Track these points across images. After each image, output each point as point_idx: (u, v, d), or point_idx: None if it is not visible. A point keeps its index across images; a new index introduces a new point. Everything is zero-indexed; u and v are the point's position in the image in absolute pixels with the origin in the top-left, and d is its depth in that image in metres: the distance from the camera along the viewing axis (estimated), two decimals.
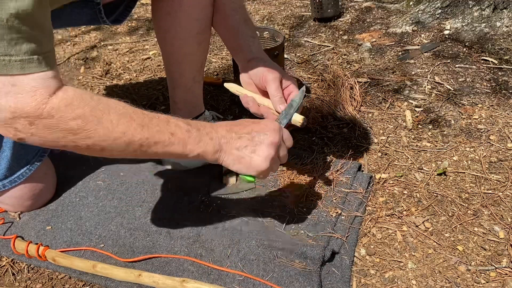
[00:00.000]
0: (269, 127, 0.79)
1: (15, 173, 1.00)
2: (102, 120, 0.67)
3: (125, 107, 0.70)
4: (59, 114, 0.64)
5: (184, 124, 0.74)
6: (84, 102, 0.66)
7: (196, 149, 0.74)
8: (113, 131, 0.67)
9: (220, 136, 0.76)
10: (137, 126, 0.69)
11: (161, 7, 1.01)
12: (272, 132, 0.78)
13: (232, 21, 1.00)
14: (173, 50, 1.05)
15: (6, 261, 0.98)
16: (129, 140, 0.69)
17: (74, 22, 1.13)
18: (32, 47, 0.62)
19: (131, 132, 0.69)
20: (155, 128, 0.71)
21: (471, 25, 1.82)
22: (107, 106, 0.68)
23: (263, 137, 0.77)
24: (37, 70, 0.63)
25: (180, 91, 1.12)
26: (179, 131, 0.73)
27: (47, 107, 0.63)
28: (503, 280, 0.89)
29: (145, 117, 0.71)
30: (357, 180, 1.12)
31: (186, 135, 0.73)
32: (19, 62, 0.61)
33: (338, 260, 0.93)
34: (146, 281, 0.88)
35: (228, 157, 0.77)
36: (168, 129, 0.72)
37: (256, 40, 0.98)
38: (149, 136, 0.70)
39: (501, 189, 1.10)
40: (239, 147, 0.77)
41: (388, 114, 1.41)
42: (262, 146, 0.77)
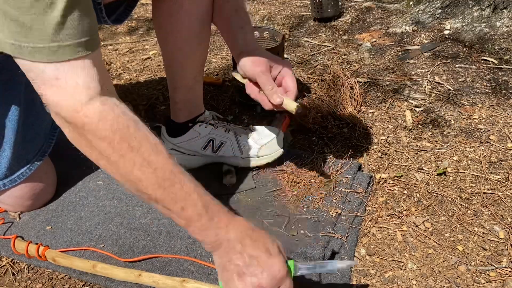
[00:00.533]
0: (273, 269, 0.68)
1: (15, 172, 1.00)
2: (126, 157, 0.65)
3: (158, 156, 0.67)
4: (91, 127, 0.63)
5: (201, 206, 0.69)
6: (118, 126, 0.64)
7: (197, 234, 0.70)
8: (130, 173, 0.66)
9: (227, 240, 0.70)
10: (154, 182, 0.66)
11: (161, 7, 1.01)
12: (270, 277, 0.67)
13: (223, 12, 1.00)
14: (174, 50, 1.05)
15: (6, 261, 0.98)
16: (140, 189, 0.67)
17: None
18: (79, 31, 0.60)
19: (146, 184, 0.66)
20: (170, 195, 0.67)
21: (471, 25, 1.82)
22: (138, 145, 0.65)
23: (256, 273, 0.68)
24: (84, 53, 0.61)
25: (180, 91, 1.12)
26: (191, 211, 0.68)
27: (82, 112, 0.62)
28: (503, 280, 0.89)
29: (170, 178, 0.67)
30: (357, 180, 1.12)
31: (194, 217, 0.69)
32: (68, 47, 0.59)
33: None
34: (146, 281, 0.88)
35: (219, 259, 0.71)
36: (182, 202, 0.68)
37: (246, 29, 0.96)
38: (160, 199, 0.68)
39: (501, 189, 1.10)
40: (232, 259, 0.69)
41: (388, 114, 1.41)
42: (247, 279, 0.68)
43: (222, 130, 1.15)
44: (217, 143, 1.14)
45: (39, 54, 0.59)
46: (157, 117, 1.47)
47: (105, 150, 0.64)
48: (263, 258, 0.69)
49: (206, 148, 1.15)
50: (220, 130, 1.15)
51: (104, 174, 1.18)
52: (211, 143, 1.15)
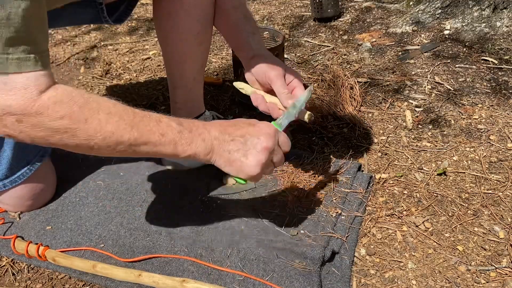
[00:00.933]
0: (264, 130, 0.77)
1: (15, 173, 1.00)
2: (91, 119, 0.66)
3: (116, 106, 0.69)
4: (47, 112, 0.63)
5: (176, 124, 0.73)
6: (73, 100, 0.65)
7: (187, 150, 0.73)
8: (101, 131, 0.66)
9: (213, 138, 0.75)
10: (126, 125, 0.68)
11: (162, 7, 1.01)
12: (266, 136, 0.76)
13: (232, 18, 1.00)
14: (174, 50, 1.06)
15: (6, 261, 0.98)
16: (118, 140, 0.68)
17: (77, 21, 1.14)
18: (29, 46, 0.62)
19: (120, 132, 0.68)
20: (145, 128, 0.70)
21: (471, 25, 1.82)
22: (97, 105, 0.67)
23: (256, 141, 0.76)
24: (32, 69, 0.62)
25: (180, 91, 1.12)
26: (170, 132, 0.72)
27: (36, 104, 0.62)
28: (503, 280, 0.89)
29: (136, 116, 0.70)
30: (357, 180, 1.12)
31: (177, 136, 0.72)
32: (16, 61, 0.61)
33: (338, 260, 0.93)
34: (146, 281, 0.88)
35: (220, 158, 0.76)
36: (158, 129, 0.71)
37: (257, 36, 0.98)
38: (139, 136, 0.69)
39: (501, 189, 1.10)
40: (231, 150, 0.76)
41: (388, 114, 1.41)
42: (254, 151, 0.75)
43: None
44: None
45: None
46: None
47: (69, 126, 0.65)
48: (250, 129, 0.77)
49: None
50: None
51: (104, 174, 1.18)
52: None
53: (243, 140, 0.76)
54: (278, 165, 0.81)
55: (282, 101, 0.89)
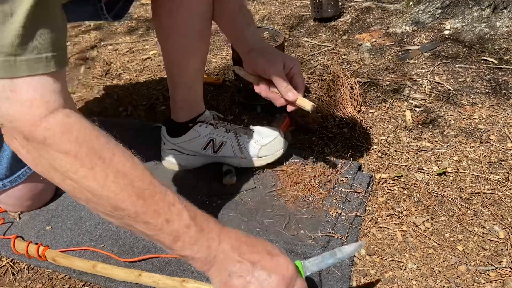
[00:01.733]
0: (280, 269, 0.62)
1: (15, 172, 1.00)
2: (96, 169, 0.57)
3: (133, 167, 0.60)
4: (52, 140, 0.56)
5: (187, 216, 0.62)
6: (84, 138, 0.57)
7: (185, 249, 0.62)
8: (102, 187, 0.57)
9: (221, 251, 0.63)
10: (133, 194, 0.58)
11: (161, 6, 1.01)
12: (279, 279, 0.62)
13: (227, 10, 1.01)
14: (174, 48, 1.05)
15: (6, 261, 0.98)
16: (117, 205, 0.58)
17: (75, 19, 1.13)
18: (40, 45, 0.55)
19: (123, 198, 0.58)
20: (152, 206, 0.59)
21: (471, 25, 1.82)
22: (110, 156, 0.58)
23: (264, 278, 0.61)
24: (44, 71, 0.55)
25: (180, 90, 1.12)
26: (177, 222, 0.61)
27: (42, 125, 0.55)
28: (503, 280, 0.89)
29: (149, 188, 0.60)
30: (357, 180, 1.12)
31: (181, 230, 0.61)
32: (25, 62, 0.54)
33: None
34: (146, 281, 0.88)
35: (217, 276, 0.64)
36: (166, 214, 0.60)
37: (252, 27, 0.98)
38: (140, 212, 0.59)
39: (501, 189, 1.10)
40: (233, 272, 0.62)
41: (388, 114, 1.41)
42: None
43: (222, 130, 1.15)
44: (217, 143, 1.14)
45: None
46: (157, 117, 1.47)
47: (72, 166, 0.57)
48: (266, 260, 0.63)
49: (206, 148, 1.15)
50: (220, 130, 1.15)
51: None
52: (212, 143, 1.14)
53: (252, 268, 0.62)
54: None
55: (283, 95, 0.89)
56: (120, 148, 0.61)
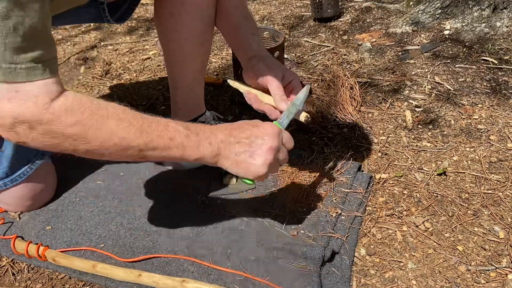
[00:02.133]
0: (268, 131, 0.79)
1: (16, 171, 1.00)
2: (102, 125, 0.67)
3: (125, 112, 0.71)
4: (59, 119, 0.65)
5: (183, 128, 0.75)
6: (83, 107, 0.67)
7: (195, 153, 0.75)
8: (112, 137, 0.68)
9: (219, 141, 0.77)
10: (136, 131, 0.70)
11: (164, 7, 1.01)
12: (271, 136, 0.78)
13: (232, 18, 1.01)
14: (176, 50, 1.05)
15: (6, 261, 0.98)
16: (128, 145, 0.70)
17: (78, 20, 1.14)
18: (36, 55, 0.63)
19: (130, 138, 0.69)
20: (154, 133, 0.71)
21: (471, 25, 1.82)
22: (106, 111, 0.68)
23: (261, 142, 0.78)
24: (41, 78, 0.64)
25: (181, 91, 1.12)
26: (178, 136, 0.73)
27: (47, 112, 0.64)
28: (503, 280, 0.89)
29: (145, 121, 0.71)
30: (357, 180, 1.12)
31: (185, 140, 0.74)
32: (24, 70, 0.62)
33: (338, 260, 0.93)
34: (146, 281, 0.88)
35: (227, 161, 0.78)
36: (167, 134, 0.72)
37: (256, 37, 0.98)
38: (148, 141, 0.71)
39: (501, 189, 1.10)
40: (237, 152, 0.78)
41: (388, 114, 1.41)
42: (260, 151, 0.77)
43: None
44: None
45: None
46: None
47: (80, 132, 0.66)
48: (255, 130, 0.79)
49: None
50: None
51: (104, 174, 1.18)
52: None
53: (249, 141, 0.78)
54: (283, 162, 0.83)
55: (277, 103, 0.89)
56: (110, 103, 0.71)
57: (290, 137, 0.84)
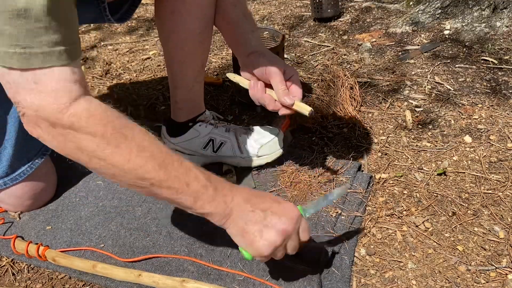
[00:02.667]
0: (287, 212, 0.73)
1: (16, 170, 1.00)
2: (122, 145, 0.64)
3: (151, 141, 0.68)
4: (80, 123, 0.62)
5: (203, 178, 0.71)
6: (108, 119, 0.64)
7: (206, 207, 0.71)
8: (128, 161, 0.65)
9: (235, 204, 0.72)
10: (155, 164, 0.66)
11: (164, 6, 1.01)
12: (288, 219, 0.72)
13: (231, 16, 1.00)
14: (176, 49, 1.06)
15: (6, 261, 0.98)
16: (143, 176, 0.66)
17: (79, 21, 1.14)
18: (53, 38, 0.59)
19: (146, 169, 0.65)
20: (173, 172, 0.68)
21: (471, 25, 1.82)
22: (131, 133, 0.66)
23: (275, 221, 0.72)
24: (58, 63, 0.60)
25: (181, 90, 1.12)
26: (196, 184, 0.69)
27: (68, 112, 0.61)
28: (503, 280, 0.89)
29: (167, 158, 0.68)
30: (357, 180, 1.12)
31: (201, 190, 0.70)
32: (40, 55, 0.58)
33: (338, 260, 0.93)
34: (146, 281, 0.88)
35: (234, 226, 0.73)
36: (185, 178, 0.69)
37: (256, 33, 0.98)
38: (164, 179, 0.67)
39: (501, 189, 1.10)
40: (248, 221, 0.72)
41: (388, 114, 1.41)
42: (271, 230, 0.71)
43: (222, 130, 1.15)
44: (217, 143, 1.15)
45: (10, 60, 0.58)
46: (157, 117, 1.47)
47: (99, 146, 0.63)
48: (275, 206, 0.73)
49: (206, 148, 1.15)
50: (220, 129, 1.15)
51: None
52: (211, 143, 1.15)
53: (264, 215, 0.72)
54: (291, 252, 0.76)
55: (279, 97, 0.88)
56: (137, 126, 0.68)
57: (308, 228, 0.77)
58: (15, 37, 0.57)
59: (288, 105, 0.89)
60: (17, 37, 0.57)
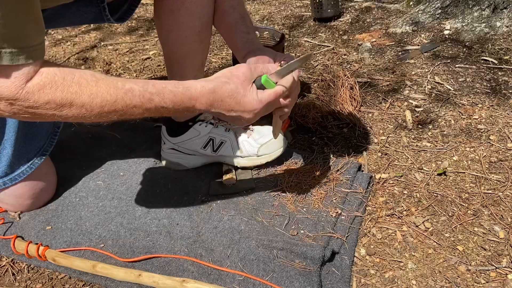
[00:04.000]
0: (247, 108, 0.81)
1: (15, 170, 1.00)
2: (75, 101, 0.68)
3: (98, 83, 0.71)
4: (33, 98, 0.66)
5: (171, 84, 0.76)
6: (56, 84, 0.67)
7: (186, 94, 0.76)
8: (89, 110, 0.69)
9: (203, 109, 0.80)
10: (123, 84, 0.71)
11: (163, 6, 1.02)
12: (250, 113, 0.82)
13: (229, 18, 1.01)
14: (175, 48, 1.06)
15: (6, 261, 0.98)
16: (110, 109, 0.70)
17: (79, 21, 1.14)
18: (22, 42, 0.63)
19: (111, 99, 0.70)
20: (141, 82, 0.72)
21: (471, 25, 1.82)
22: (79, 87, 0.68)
23: (241, 116, 0.83)
24: (24, 62, 0.64)
25: None
26: (168, 84, 0.75)
27: (23, 91, 0.65)
28: (503, 280, 0.89)
29: (130, 79, 0.73)
30: (357, 180, 1.12)
31: (174, 88, 0.75)
32: (9, 55, 0.62)
33: (338, 260, 0.93)
34: (146, 281, 0.88)
35: (221, 104, 0.79)
36: (157, 82, 0.74)
37: (251, 35, 0.99)
38: (141, 88, 0.72)
39: (501, 189, 1.10)
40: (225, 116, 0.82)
41: (388, 114, 1.41)
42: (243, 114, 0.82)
43: (222, 129, 1.16)
44: (217, 142, 1.15)
45: None
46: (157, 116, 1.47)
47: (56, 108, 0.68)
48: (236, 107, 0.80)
49: (206, 147, 1.15)
50: (220, 129, 1.15)
51: (104, 174, 1.18)
52: (211, 142, 1.15)
53: (230, 118, 0.83)
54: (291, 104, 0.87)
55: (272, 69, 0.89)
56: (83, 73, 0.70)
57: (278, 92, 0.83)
58: None
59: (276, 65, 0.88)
60: None
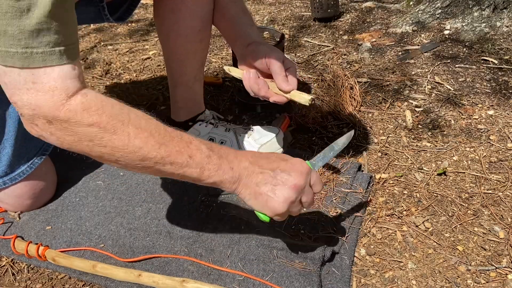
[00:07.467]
0: (296, 167, 0.73)
1: (15, 170, 1.00)
2: (119, 131, 0.65)
3: (148, 122, 0.69)
4: (76, 118, 0.63)
5: (206, 148, 0.71)
6: (103, 109, 0.65)
7: (213, 176, 0.71)
8: (128, 145, 0.66)
9: (242, 168, 0.72)
10: (155, 143, 0.67)
11: (164, 5, 1.02)
12: (298, 174, 0.73)
13: (230, 12, 1.01)
14: (175, 47, 1.06)
15: (6, 261, 0.98)
16: (144, 155, 0.67)
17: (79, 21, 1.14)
18: (54, 39, 0.61)
19: (148, 148, 0.66)
20: (174, 148, 0.68)
21: (471, 25, 1.82)
22: (127, 117, 0.66)
23: (286, 178, 0.72)
24: (58, 63, 0.62)
25: (181, 89, 1.12)
26: (199, 155, 0.70)
27: (64, 109, 0.63)
28: (503, 280, 0.89)
29: (166, 135, 0.69)
30: (357, 180, 1.12)
31: (205, 160, 0.70)
32: (41, 54, 0.60)
33: (338, 260, 0.93)
34: (146, 281, 0.88)
35: (246, 190, 0.73)
36: (187, 151, 0.69)
37: (255, 27, 0.99)
38: (166, 155, 0.68)
39: (501, 189, 1.10)
40: (259, 182, 0.72)
41: (388, 114, 1.41)
42: (283, 187, 0.71)
43: (222, 129, 1.16)
44: (217, 142, 1.14)
45: (11, 59, 0.60)
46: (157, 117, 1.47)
47: (96, 135, 0.64)
48: (283, 164, 0.73)
49: None
50: (220, 129, 1.15)
51: (104, 174, 1.18)
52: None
53: (273, 174, 0.72)
54: (307, 206, 0.77)
55: (279, 84, 0.88)
56: (133, 109, 0.69)
57: (319, 180, 0.77)
58: (17, 37, 0.58)
59: (286, 90, 0.88)
60: (19, 37, 0.58)
